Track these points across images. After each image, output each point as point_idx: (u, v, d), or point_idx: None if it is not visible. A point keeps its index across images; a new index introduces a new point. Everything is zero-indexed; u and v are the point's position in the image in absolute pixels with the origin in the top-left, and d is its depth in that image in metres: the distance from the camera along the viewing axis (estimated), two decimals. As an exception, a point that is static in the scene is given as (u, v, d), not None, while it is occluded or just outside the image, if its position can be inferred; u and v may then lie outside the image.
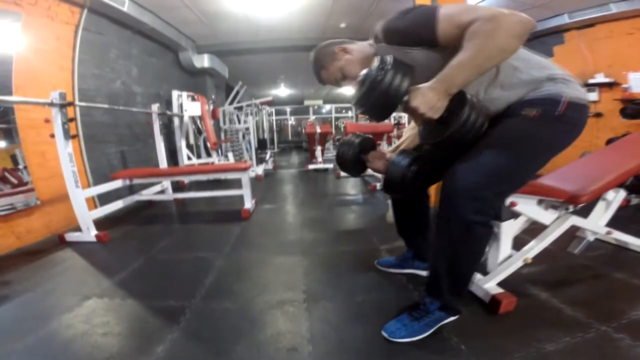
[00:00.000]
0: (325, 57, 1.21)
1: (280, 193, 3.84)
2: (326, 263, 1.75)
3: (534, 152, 1.00)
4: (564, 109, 0.95)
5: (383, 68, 0.86)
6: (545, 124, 0.96)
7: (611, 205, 1.50)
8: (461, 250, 1.00)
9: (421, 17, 0.96)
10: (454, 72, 0.88)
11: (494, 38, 0.84)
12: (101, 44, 3.55)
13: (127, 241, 2.31)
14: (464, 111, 0.91)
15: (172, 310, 1.32)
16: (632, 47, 4.08)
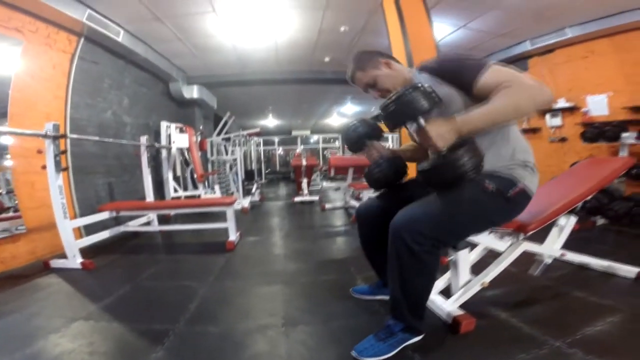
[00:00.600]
0: (368, 62, 1.37)
1: (266, 225, 4.02)
2: (306, 292, 1.91)
3: (475, 219, 1.20)
4: (515, 193, 1.16)
5: (418, 88, 1.04)
6: (494, 199, 1.15)
7: (564, 230, 1.70)
8: (409, 275, 1.16)
9: (474, 63, 1.15)
10: (473, 116, 1.05)
11: (526, 100, 1.03)
12: (95, 73, 3.78)
13: (113, 269, 2.45)
14: (460, 151, 1.04)
15: (157, 333, 1.45)
16: (588, 70, 4.44)
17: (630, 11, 3.68)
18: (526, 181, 1.20)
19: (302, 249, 2.87)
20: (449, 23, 4.45)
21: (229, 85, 6.80)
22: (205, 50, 5.16)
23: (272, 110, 11.21)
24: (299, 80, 6.77)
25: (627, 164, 1.82)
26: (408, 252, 1.12)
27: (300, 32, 4.71)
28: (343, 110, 11.49)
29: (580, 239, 2.82)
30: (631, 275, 1.82)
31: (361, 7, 3.99)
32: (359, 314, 1.58)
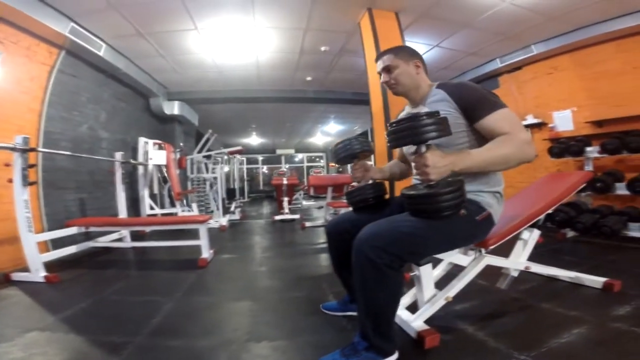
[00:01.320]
0: (404, 54, 1.44)
1: (243, 243, 4.00)
2: (275, 308, 1.90)
3: (441, 241, 1.24)
4: (482, 218, 1.26)
5: (431, 115, 1.08)
6: (462, 223, 1.21)
7: (528, 244, 1.75)
8: (372, 289, 1.15)
9: (492, 100, 1.23)
10: (472, 158, 1.12)
11: (516, 157, 1.15)
12: (73, 87, 3.80)
13: (78, 283, 2.43)
14: (448, 190, 1.10)
15: (115, 345, 1.44)
16: (552, 86, 4.67)
17: (587, 27, 3.95)
18: (492, 209, 1.29)
19: (276, 266, 2.87)
20: (423, 42, 4.69)
21: (211, 102, 6.90)
22: (187, 66, 5.27)
23: (255, 128, 11.33)
24: (281, 98, 6.92)
25: (585, 178, 1.91)
26: (370, 266, 1.13)
27: (282, 51, 4.87)
28: (326, 129, 11.70)
29: (552, 250, 2.97)
30: (597, 285, 1.90)
31: (340, 27, 4.18)
32: (326, 330, 1.58)
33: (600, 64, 4.09)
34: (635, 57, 3.75)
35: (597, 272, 2.05)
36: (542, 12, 3.69)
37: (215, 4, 3.55)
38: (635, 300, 1.71)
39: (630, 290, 1.84)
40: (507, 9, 3.64)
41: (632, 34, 3.73)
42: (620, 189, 3.30)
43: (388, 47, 3.69)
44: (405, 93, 1.47)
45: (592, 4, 3.45)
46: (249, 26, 4.06)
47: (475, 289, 1.89)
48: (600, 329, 1.44)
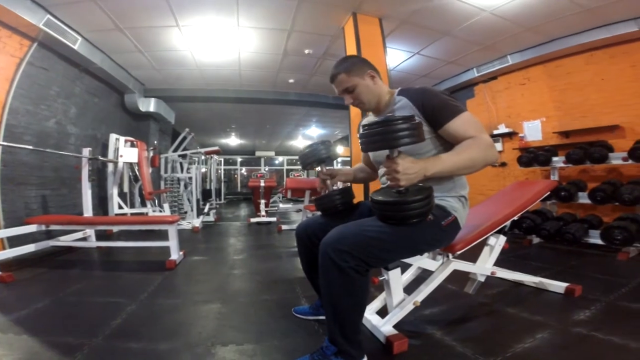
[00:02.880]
0: (356, 68, 1.38)
1: (215, 246, 3.93)
2: (244, 311, 1.87)
3: (405, 246, 1.23)
4: (447, 223, 1.27)
5: (407, 120, 1.06)
6: (428, 228, 1.23)
7: (494, 249, 1.79)
8: (338, 293, 1.15)
9: (453, 106, 1.24)
10: (441, 163, 1.13)
11: (482, 160, 1.17)
12: (43, 80, 3.66)
13: (35, 283, 2.33)
14: (418, 198, 1.10)
15: (70, 346, 1.39)
16: (524, 96, 4.87)
17: (560, 38, 4.15)
18: (458, 213, 1.31)
19: (249, 269, 2.83)
20: (404, 50, 4.81)
21: (190, 101, 6.78)
22: (166, 63, 5.17)
23: (235, 129, 11.21)
24: (263, 100, 6.89)
25: (550, 187, 1.99)
26: (335, 270, 1.13)
27: (265, 52, 4.86)
28: (308, 132, 11.72)
29: (519, 256, 3.08)
30: (560, 290, 1.98)
31: (325, 31, 4.22)
32: (296, 334, 1.57)
33: (570, 75, 4.31)
34: (604, 69, 3.96)
35: (560, 277, 2.16)
36: (520, 23, 3.85)
37: (199, 2, 3.52)
38: (594, 304, 1.80)
39: (590, 294, 1.93)
40: (487, 19, 3.78)
41: (602, 47, 3.94)
42: (582, 198, 3.49)
43: (370, 54, 3.78)
44: (373, 108, 1.47)
45: (566, 16, 3.62)
46: (233, 25, 4.04)
47: (444, 293, 1.94)
48: (562, 333, 1.49)
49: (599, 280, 2.31)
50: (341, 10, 3.74)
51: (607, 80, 3.94)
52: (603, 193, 3.23)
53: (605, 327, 1.51)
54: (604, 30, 3.75)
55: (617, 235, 2.86)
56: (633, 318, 1.66)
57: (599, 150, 3.43)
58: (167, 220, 2.85)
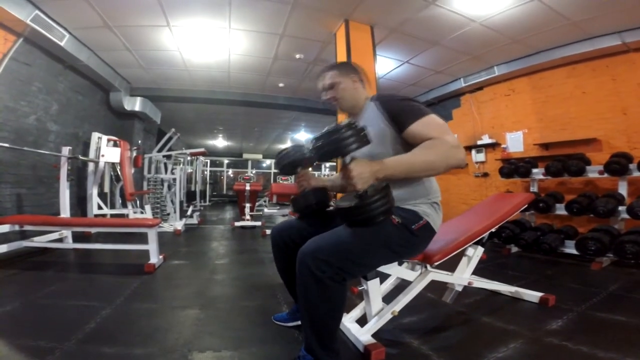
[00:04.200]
0: (344, 69, 1.49)
1: (197, 249, 3.88)
2: (224, 317, 1.86)
3: (378, 251, 1.25)
4: (419, 227, 1.28)
5: (350, 127, 1.10)
6: (399, 232, 1.25)
7: (472, 260, 1.83)
8: (315, 302, 1.17)
9: (416, 108, 1.26)
10: (392, 164, 1.13)
11: (442, 161, 1.15)
12: (25, 76, 3.60)
13: (5, 284, 2.27)
14: (376, 197, 1.12)
15: (41, 350, 1.37)
16: (508, 108, 4.99)
17: (545, 51, 4.29)
18: (429, 218, 1.33)
19: (230, 274, 2.81)
20: (394, 58, 4.90)
21: (177, 101, 6.73)
22: (154, 62, 5.13)
23: (222, 130, 11.13)
24: (251, 103, 6.88)
25: (527, 200, 2.06)
26: (312, 279, 1.14)
27: (255, 55, 4.87)
28: (297, 136, 11.72)
29: (498, 265, 3.16)
30: (535, 300, 2.04)
31: (317, 36, 4.26)
32: (275, 340, 1.57)
33: (552, 87, 4.45)
34: (585, 82, 4.10)
35: (536, 286, 2.22)
36: (508, 34, 3.97)
37: (192, 3, 3.52)
38: (567, 314, 1.86)
39: (563, 304, 2.00)
40: (476, 30, 3.88)
41: (584, 60, 4.08)
42: (560, 209, 3.60)
43: (360, 59, 3.82)
44: (349, 109, 1.52)
45: (553, 29, 3.75)
46: (224, 27, 4.05)
47: (423, 302, 1.98)
48: (535, 343, 1.53)
49: (573, 289, 2.39)
50: (334, 17, 3.80)
51: (587, 94, 4.09)
52: (579, 205, 3.36)
53: (576, 337, 1.56)
54: (587, 43, 3.90)
55: (591, 246, 2.97)
56: (602, 328, 1.72)
57: (577, 163, 3.57)
58: (147, 223, 2.80)
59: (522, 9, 3.39)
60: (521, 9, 3.41)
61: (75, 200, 4.54)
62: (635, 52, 3.70)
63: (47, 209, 3.88)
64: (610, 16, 3.42)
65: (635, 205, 2.99)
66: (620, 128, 3.79)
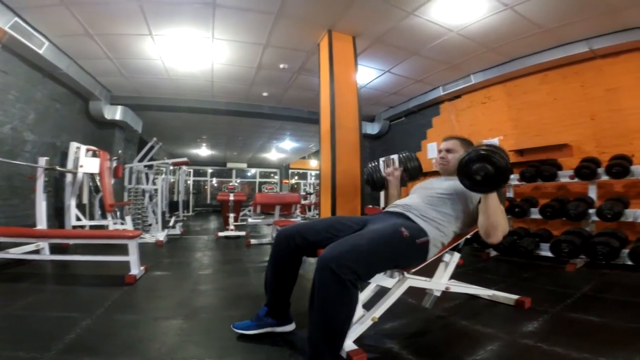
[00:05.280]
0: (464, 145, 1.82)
1: (180, 260, 3.84)
2: (208, 327, 1.86)
3: (387, 257, 1.40)
4: (421, 243, 1.46)
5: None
6: (405, 243, 1.41)
7: (449, 266, 1.85)
8: (337, 307, 1.23)
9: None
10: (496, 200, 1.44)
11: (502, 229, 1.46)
12: (1, 84, 3.54)
13: None
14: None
15: None
16: (485, 115, 5.17)
17: (519, 59, 4.48)
18: (432, 241, 1.51)
19: (214, 285, 2.80)
20: (376, 68, 5.04)
21: (159, 110, 6.68)
22: (136, 71, 5.11)
23: (206, 139, 11.07)
24: (235, 112, 6.90)
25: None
26: (338, 284, 1.21)
27: (239, 65, 4.92)
28: (282, 145, 11.77)
29: (477, 269, 3.25)
30: (511, 302, 2.11)
31: (301, 46, 4.34)
32: (261, 349, 1.56)
33: (526, 94, 4.64)
34: (557, 88, 4.30)
35: (513, 289, 2.29)
36: (483, 43, 4.14)
37: (175, 13, 3.56)
38: (542, 316, 1.93)
39: (539, 306, 2.07)
40: (453, 39, 4.03)
41: (556, 67, 4.28)
42: (534, 213, 3.75)
43: (341, 71, 3.92)
44: (449, 172, 1.81)
45: (526, 37, 3.92)
46: (207, 37, 4.09)
47: (404, 308, 2.01)
48: (511, 345, 1.58)
49: (548, 291, 2.48)
50: (317, 27, 3.89)
51: (558, 100, 4.29)
52: (552, 209, 3.52)
53: (551, 338, 1.62)
54: (559, 50, 4.09)
55: (565, 248, 3.11)
56: (576, 328, 1.79)
57: (549, 168, 3.74)
58: (127, 234, 2.79)
59: (497, 17, 3.54)
60: (495, 18, 3.56)
61: (53, 211, 4.44)
62: (602, 59, 3.91)
63: (23, 220, 3.77)
64: (579, 24, 3.58)
65: (604, 208, 3.16)
66: (589, 133, 3.99)
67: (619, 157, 3.38)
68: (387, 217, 1.67)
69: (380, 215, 1.75)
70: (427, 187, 1.84)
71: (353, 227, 1.62)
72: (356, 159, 3.80)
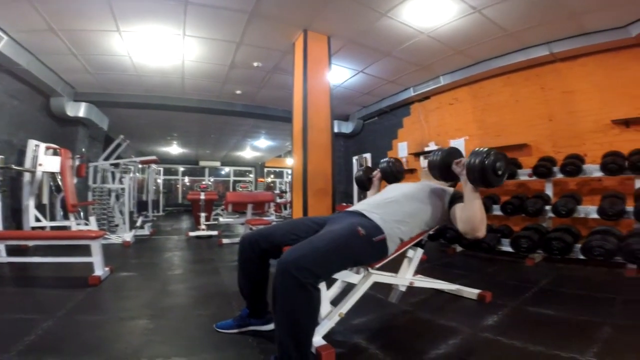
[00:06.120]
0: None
1: (148, 261, 3.77)
2: (175, 326, 1.86)
3: (345, 256, 1.42)
4: (378, 240, 1.50)
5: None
6: (362, 241, 1.45)
7: (412, 261, 1.94)
8: (301, 310, 1.24)
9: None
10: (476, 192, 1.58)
11: (482, 223, 1.57)
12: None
13: None
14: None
15: None
16: (452, 116, 5.36)
17: (484, 61, 4.67)
18: (389, 238, 1.54)
19: (183, 285, 2.78)
20: (350, 67, 5.12)
21: (127, 107, 6.49)
22: (102, 68, 4.96)
23: (177, 137, 10.82)
24: (207, 109, 6.81)
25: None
26: (298, 287, 1.22)
27: (211, 62, 4.87)
28: (257, 143, 11.69)
29: (444, 264, 3.41)
30: (474, 297, 2.21)
31: (276, 45, 4.34)
32: (229, 347, 1.58)
33: (490, 96, 4.86)
34: (519, 90, 4.53)
35: (476, 283, 2.41)
36: (452, 46, 4.29)
37: (144, 10, 3.48)
38: (501, 309, 2.03)
39: (499, 300, 2.18)
40: (424, 41, 4.16)
41: (518, 69, 4.50)
42: (496, 210, 3.94)
43: (316, 69, 3.99)
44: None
45: (491, 40, 4.09)
46: (178, 34, 4.02)
47: (372, 303, 2.08)
48: (472, 339, 1.66)
49: (508, 285, 2.61)
50: (293, 27, 3.91)
51: (520, 102, 4.53)
52: (512, 206, 3.72)
53: (509, 332, 1.70)
54: (521, 54, 4.29)
55: (523, 243, 3.30)
56: (533, 321, 1.88)
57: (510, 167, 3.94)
58: (89, 235, 2.71)
59: (465, 20, 3.68)
60: (464, 21, 3.69)
61: (9, 212, 4.23)
62: (561, 62, 4.15)
63: (-25, 222, 3.57)
64: (541, 27, 3.77)
65: (559, 205, 3.37)
66: (546, 134, 4.25)
67: (573, 157, 3.64)
68: (345, 216, 1.72)
69: (340, 215, 1.80)
70: (392, 188, 1.94)
71: (313, 228, 1.67)
72: (327, 159, 3.87)
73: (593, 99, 3.90)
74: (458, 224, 1.67)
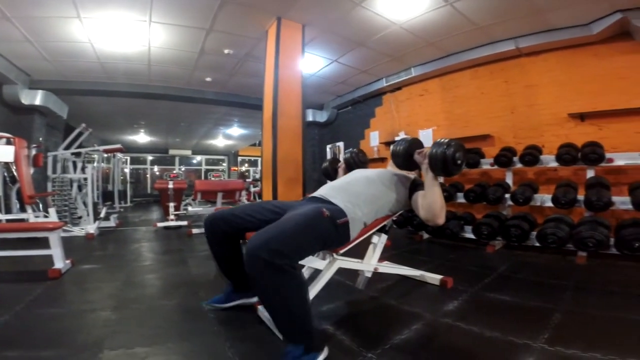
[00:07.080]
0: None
1: (112, 253, 3.70)
2: (138, 316, 1.86)
3: (313, 238, 1.43)
4: (341, 223, 1.54)
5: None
6: (326, 222, 1.47)
7: (377, 247, 2.03)
8: (289, 293, 1.24)
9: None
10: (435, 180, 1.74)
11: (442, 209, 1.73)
12: None
13: None
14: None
15: None
16: (422, 107, 5.55)
17: (454, 54, 4.83)
18: (352, 222, 1.59)
19: (150, 276, 2.76)
20: (324, 57, 5.16)
21: (88, 94, 6.26)
22: (61, 55, 4.75)
23: (144, 125, 10.50)
24: (175, 97, 6.66)
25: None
26: (274, 270, 1.20)
27: (179, 49, 4.76)
28: (229, 132, 11.53)
29: (411, 250, 3.54)
30: (436, 282, 2.30)
31: (248, 33, 4.30)
32: (193, 335, 1.60)
33: (458, 88, 5.05)
34: (485, 83, 4.73)
35: (440, 270, 2.52)
36: (423, 37, 4.40)
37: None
38: (462, 295, 2.12)
39: (460, 286, 2.29)
40: (397, 32, 4.24)
41: (485, 63, 4.69)
42: (460, 197, 4.14)
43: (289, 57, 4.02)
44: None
45: (461, 33, 4.23)
46: (144, 20, 3.90)
47: (340, 289, 2.16)
48: (433, 324, 1.72)
49: (469, 272, 2.72)
50: (266, 14, 3.88)
51: (485, 94, 4.73)
52: (474, 193, 3.90)
53: (469, 317, 1.77)
54: (489, 48, 4.48)
55: (484, 230, 3.47)
56: (491, 307, 1.97)
57: (474, 156, 4.16)
58: (47, 227, 2.62)
59: (437, 12, 3.78)
60: (436, 13, 3.80)
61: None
62: (526, 57, 4.37)
63: None
64: (508, 22, 3.93)
65: (517, 193, 3.57)
66: (509, 125, 4.49)
67: (532, 147, 3.86)
68: (308, 202, 1.78)
69: (302, 202, 1.86)
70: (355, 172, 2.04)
71: (275, 211, 1.70)
72: (298, 146, 3.91)
73: (552, 93, 4.15)
74: (420, 211, 1.77)
